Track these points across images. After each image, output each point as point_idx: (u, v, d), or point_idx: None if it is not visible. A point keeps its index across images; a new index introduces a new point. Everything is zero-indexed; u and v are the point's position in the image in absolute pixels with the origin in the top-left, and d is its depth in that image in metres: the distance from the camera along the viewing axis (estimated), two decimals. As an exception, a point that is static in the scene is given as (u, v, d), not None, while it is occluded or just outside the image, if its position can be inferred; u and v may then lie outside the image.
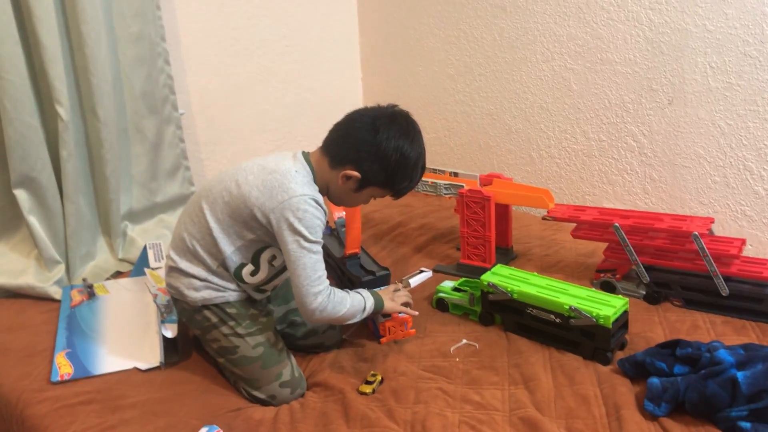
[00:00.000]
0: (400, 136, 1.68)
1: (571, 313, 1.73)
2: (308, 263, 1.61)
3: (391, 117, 1.71)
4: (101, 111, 2.31)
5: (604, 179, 2.59)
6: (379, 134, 1.66)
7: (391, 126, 1.68)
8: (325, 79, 3.25)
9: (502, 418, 1.54)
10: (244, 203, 1.64)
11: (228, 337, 1.71)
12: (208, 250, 1.69)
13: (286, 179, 1.63)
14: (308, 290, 1.61)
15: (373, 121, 1.69)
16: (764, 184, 2.17)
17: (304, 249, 1.60)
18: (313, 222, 1.61)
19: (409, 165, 1.71)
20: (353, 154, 1.68)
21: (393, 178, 1.72)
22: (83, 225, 2.40)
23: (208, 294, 1.71)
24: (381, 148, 1.66)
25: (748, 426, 1.41)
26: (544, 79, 2.66)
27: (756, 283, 1.87)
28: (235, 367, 1.71)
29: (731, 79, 2.16)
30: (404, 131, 1.70)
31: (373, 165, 1.68)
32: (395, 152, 1.67)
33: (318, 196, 1.66)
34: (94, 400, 1.69)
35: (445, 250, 2.47)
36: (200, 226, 1.70)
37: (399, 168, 1.70)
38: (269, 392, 1.68)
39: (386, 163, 1.68)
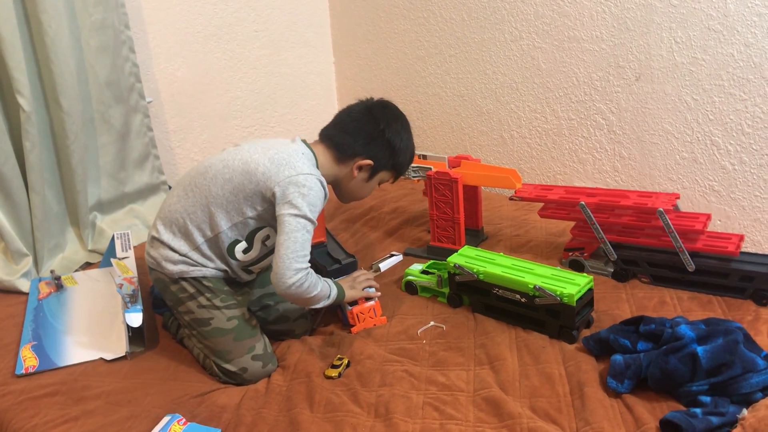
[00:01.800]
0: (396, 120, 1.87)
1: (536, 293, 1.73)
2: (299, 238, 1.63)
3: (383, 105, 1.89)
4: (65, 101, 2.28)
5: (575, 158, 2.59)
6: (381, 122, 1.82)
7: (386, 112, 1.86)
8: (297, 63, 3.22)
9: (466, 398, 1.54)
10: (249, 179, 1.68)
11: (204, 308, 1.72)
12: (198, 225, 1.72)
13: (293, 158, 1.70)
14: (291, 264, 1.62)
15: (369, 110, 1.85)
16: (731, 159, 2.17)
17: (299, 224, 1.63)
18: (315, 201, 1.67)
19: (409, 146, 1.92)
20: (361, 144, 1.82)
21: (398, 160, 1.89)
22: (50, 217, 2.37)
23: (184, 267, 1.74)
24: (386, 135, 1.82)
25: (708, 400, 1.42)
26: (513, 58, 2.64)
27: (721, 258, 1.88)
28: (207, 340, 1.72)
29: (696, 54, 2.15)
30: (398, 115, 1.90)
31: (380, 150, 1.83)
32: (396, 135, 1.85)
33: (322, 178, 1.73)
34: (59, 392, 1.68)
35: (417, 234, 2.46)
36: (194, 201, 1.73)
37: (402, 149, 1.88)
38: (240, 364, 1.69)
39: (391, 146, 1.84)
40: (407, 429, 1.45)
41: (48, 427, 1.54)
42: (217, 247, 1.74)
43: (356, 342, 1.79)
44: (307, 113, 3.30)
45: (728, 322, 1.57)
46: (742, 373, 1.43)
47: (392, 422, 1.46)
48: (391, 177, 1.95)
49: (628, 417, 1.44)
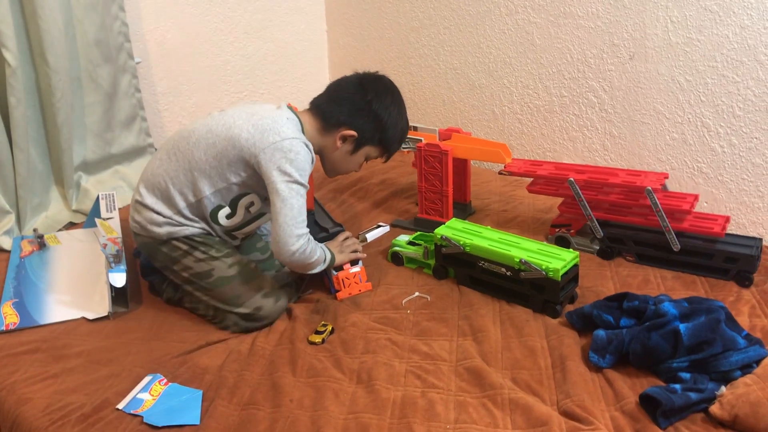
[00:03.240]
0: (387, 93, 1.83)
1: (522, 266, 1.74)
2: (296, 204, 1.63)
3: (376, 77, 1.86)
4: (51, 58, 2.24)
5: (565, 135, 2.58)
6: (369, 93, 1.79)
7: (377, 85, 1.82)
8: (289, 30, 3.18)
9: (448, 368, 1.55)
10: (232, 145, 1.66)
11: (202, 261, 1.73)
12: (181, 189, 1.71)
13: (277, 124, 1.67)
14: (293, 231, 1.63)
15: (360, 81, 1.82)
16: (720, 141, 2.17)
17: (292, 190, 1.63)
18: (304, 164, 1.66)
19: (399, 123, 1.86)
20: (346, 114, 1.78)
21: (385, 134, 1.84)
22: (35, 175, 2.34)
23: (170, 228, 1.73)
24: (372, 105, 1.79)
25: (688, 376, 1.43)
26: (508, 33, 2.62)
27: (707, 239, 1.88)
28: (213, 291, 1.73)
29: (691, 34, 2.14)
30: (390, 89, 1.86)
31: (366, 122, 1.80)
32: (385, 109, 1.80)
33: (308, 142, 1.71)
34: (39, 349, 1.67)
35: (404, 206, 2.46)
36: (177, 165, 1.71)
37: (390, 123, 1.83)
38: (254, 305, 1.72)
39: (378, 120, 1.80)
40: (389, 396, 1.45)
41: (27, 384, 1.53)
42: (200, 211, 1.73)
43: (341, 309, 1.79)
44: (298, 81, 3.26)
45: (711, 301, 1.58)
46: (723, 351, 1.44)
47: (374, 389, 1.47)
48: (379, 153, 1.91)
49: (608, 391, 1.45)
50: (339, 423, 1.38)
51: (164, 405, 1.45)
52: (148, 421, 1.40)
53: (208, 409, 1.43)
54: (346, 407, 1.43)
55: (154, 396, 1.48)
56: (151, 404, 1.45)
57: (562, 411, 1.40)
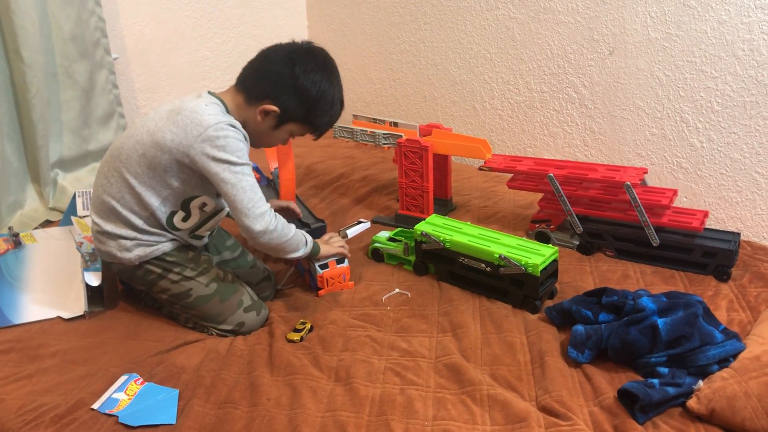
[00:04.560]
0: (318, 70, 1.66)
1: (501, 262, 1.73)
2: (246, 186, 1.58)
3: (308, 51, 1.68)
4: (26, 53, 2.21)
5: (546, 131, 2.58)
6: (297, 67, 1.63)
7: (308, 59, 1.65)
8: (269, 25, 3.16)
9: (427, 364, 1.54)
10: (161, 150, 1.59)
11: (178, 282, 1.69)
12: (131, 209, 1.65)
13: (196, 114, 1.58)
14: (253, 212, 1.59)
15: (290, 54, 1.65)
16: (699, 136, 2.18)
17: (237, 174, 1.57)
18: (236, 145, 1.58)
19: (327, 99, 1.70)
20: (271, 88, 1.64)
21: (312, 113, 1.69)
22: (9, 172, 2.31)
23: (141, 251, 1.67)
24: (299, 81, 1.63)
25: (666, 371, 1.44)
26: (488, 28, 2.62)
27: (686, 234, 1.89)
28: (193, 309, 1.69)
29: (670, 30, 2.15)
30: (322, 65, 1.68)
31: (291, 99, 1.65)
32: (314, 86, 1.65)
33: (234, 121, 1.61)
34: (13, 349, 1.65)
35: (386, 202, 2.45)
36: (119, 186, 1.64)
37: (318, 102, 1.68)
38: (235, 321, 1.69)
39: (305, 97, 1.65)
40: (367, 393, 1.44)
41: (1, 385, 1.50)
42: (158, 223, 1.67)
43: (320, 307, 1.78)
44: (279, 77, 3.24)
45: (689, 295, 1.59)
46: (700, 345, 1.45)
47: (352, 386, 1.46)
48: (306, 131, 1.77)
49: (587, 386, 1.45)
50: (316, 421, 1.37)
51: (140, 405, 1.43)
52: (123, 421, 1.38)
53: (185, 409, 1.41)
54: (324, 405, 1.41)
55: (130, 396, 1.46)
56: (126, 404, 1.43)
57: (540, 407, 1.39)
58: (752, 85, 2.03)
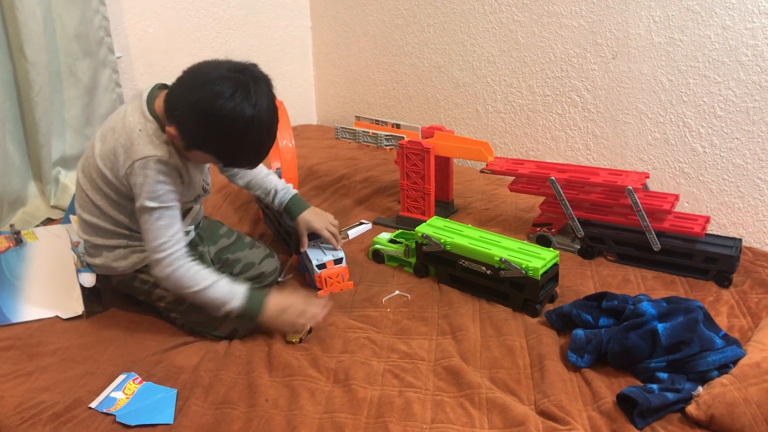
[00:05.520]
0: (232, 95, 1.42)
1: (502, 265, 1.73)
2: (149, 229, 1.54)
3: (231, 71, 1.45)
4: (30, 51, 2.21)
5: (548, 135, 2.58)
6: (204, 90, 1.42)
7: (223, 82, 1.42)
8: (272, 26, 3.16)
9: (426, 367, 1.54)
10: (103, 174, 1.58)
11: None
12: (112, 222, 1.64)
13: (129, 141, 1.51)
14: (150, 256, 1.56)
15: (205, 74, 1.44)
16: (702, 141, 2.18)
17: (144, 213, 1.54)
18: (154, 187, 1.51)
19: (235, 130, 1.44)
20: (174, 110, 1.47)
21: (217, 143, 1.49)
22: (12, 170, 2.31)
23: (135, 258, 1.68)
24: (202, 106, 1.42)
25: (665, 376, 1.43)
26: (492, 31, 2.62)
27: (687, 239, 1.89)
28: (189, 316, 1.68)
29: (674, 34, 2.14)
30: (238, 89, 1.42)
31: (192, 125, 1.46)
32: (218, 112, 1.41)
33: (163, 153, 1.51)
34: (13, 346, 1.64)
35: (387, 203, 2.45)
36: (91, 206, 1.64)
37: (224, 132, 1.45)
38: (229, 328, 1.66)
39: (206, 125, 1.44)
40: (365, 395, 1.44)
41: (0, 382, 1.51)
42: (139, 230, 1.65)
43: (319, 308, 1.78)
44: (282, 78, 3.25)
45: (689, 301, 1.58)
46: (700, 351, 1.44)
47: (351, 388, 1.45)
48: (219, 163, 1.61)
49: (586, 391, 1.45)
50: (314, 422, 1.36)
51: (138, 404, 1.42)
52: (120, 420, 1.38)
53: (182, 408, 1.41)
54: (322, 407, 1.41)
55: (128, 395, 1.45)
56: (124, 403, 1.43)
57: (539, 411, 1.39)
58: (755, 91, 2.02)
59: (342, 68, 3.29)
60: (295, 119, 3.27)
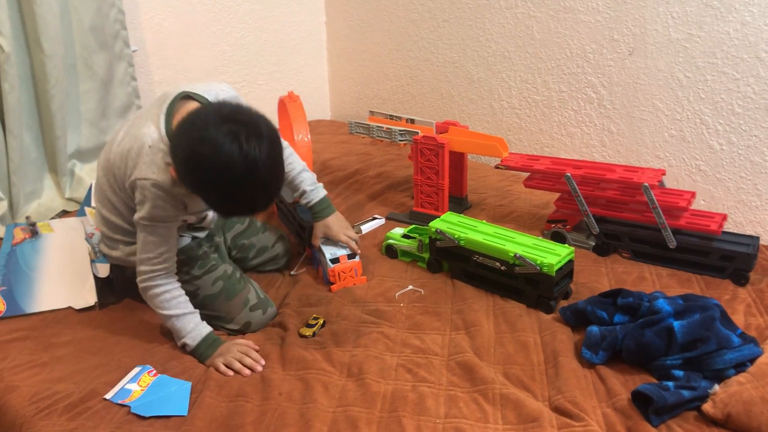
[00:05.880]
0: (221, 149, 1.31)
1: (516, 261, 1.72)
2: (140, 241, 1.55)
3: (229, 121, 1.33)
4: (46, 43, 2.22)
5: (563, 131, 2.57)
6: (197, 132, 1.33)
7: (219, 125, 1.32)
8: (287, 21, 3.16)
9: (440, 362, 1.53)
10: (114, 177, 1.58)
11: (187, 282, 1.68)
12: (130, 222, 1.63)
13: (137, 154, 1.49)
14: (137, 266, 1.57)
15: (198, 124, 1.35)
16: (719, 139, 2.16)
17: (139, 225, 1.54)
18: (151, 206, 1.49)
19: (223, 183, 1.34)
20: (173, 153, 1.41)
21: (205, 194, 1.40)
22: (28, 162, 2.33)
23: None
24: (191, 156, 1.34)
25: (681, 374, 1.42)
26: (507, 26, 2.60)
27: (703, 236, 1.87)
28: (204, 310, 1.67)
29: (692, 30, 2.12)
30: (229, 141, 1.31)
31: (183, 173, 1.38)
32: (206, 166, 1.33)
33: (165, 178, 1.46)
34: (29, 337, 1.66)
35: (400, 199, 2.44)
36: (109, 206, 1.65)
37: (212, 186, 1.37)
38: (242, 321, 1.68)
39: (196, 177, 1.37)
40: (379, 389, 1.44)
41: (15, 372, 1.52)
42: None
43: (333, 302, 1.78)
44: (296, 72, 3.24)
45: (706, 298, 1.57)
46: (717, 349, 1.43)
47: (364, 382, 1.45)
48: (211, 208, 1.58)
49: (600, 387, 1.44)
50: (328, 416, 1.36)
51: (152, 396, 1.43)
52: (135, 411, 1.38)
53: (196, 401, 1.41)
54: (336, 400, 1.41)
55: (143, 387, 1.46)
56: (139, 395, 1.44)
57: (553, 407, 1.38)
58: (774, 88, 2.00)
59: (356, 63, 3.28)
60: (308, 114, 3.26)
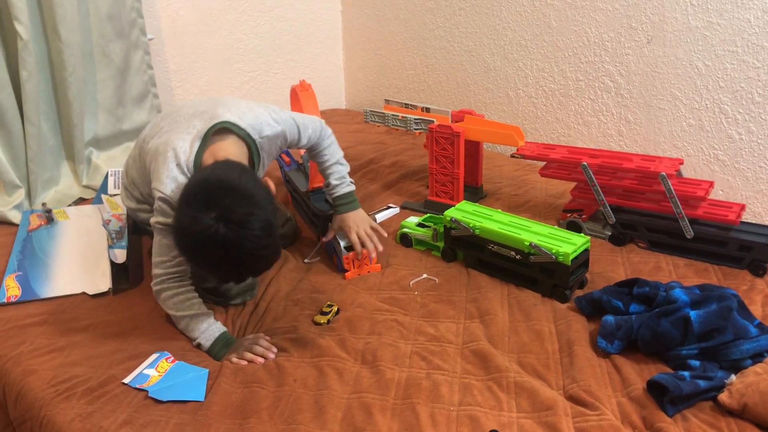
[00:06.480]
0: (200, 207, 1.35)
1: (531, 250, 1.71)
2: (155, 243, 1.59)
3: (227, 193, 1.37)
4: (64, 31, 2.23)
5: (580, 120, 2.55)
6: (191, 206, 1.37)
7: (210, 208, 1.35)
8: (303, 9, 3.15)
9: (454, 350, 1.53)
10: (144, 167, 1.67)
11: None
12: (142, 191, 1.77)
13: (161, 169, 1.55)
14: (153, 270, 1.60)
15: (210, 187, 1.39)
16: (738, 128, 2.13)
17: (155, 228, 1.57)
18: (165, 213, 1.54)
19: (205, 259, 1.40)
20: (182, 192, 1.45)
21: (193, 259, 1.45)
22: (45, 149, 2.34)
23: None
24: (180, 220, 1.39)
25: (697, 364, 1.41)
26: (524, 15, 2.59)
27: (721, 227, 1.85)
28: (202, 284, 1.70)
29: (712, 18, 2.10)
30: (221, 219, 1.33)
31: (175, 228, 1.42)
32: (188, 236, 1.37)
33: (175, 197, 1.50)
34: (46, 321, 1.67)
35: (415, 188, 2.44)
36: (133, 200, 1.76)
37: (192, 255, 1.42)
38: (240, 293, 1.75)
39: (181, 237, 1.40)
40: (393, 377, 1.44)
41: (33, 356, 1.53)
42: None
43: (347, 290, 1.78)
44: (311, 61, 3.24)
45: (723, 288, 1.55)
46: (734, 339, 1.42)
47: (378, 369, 1.46)
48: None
49: (615, 377, 1.44)
50: (342, 402, 1.37)
51: (170, 381, 1.44)
52: (152, 395, 1.39)
53: (212, 387, 1.42)
54: (350, 387, 1.42)
55: (161, 372, 1.47)
56: (156, 380, 1.45)
57: (568, 396, 1.38)
58: (795, 77, 1.98)
59: (371, 52, 3.27)
60: (323, 103, 3.26)
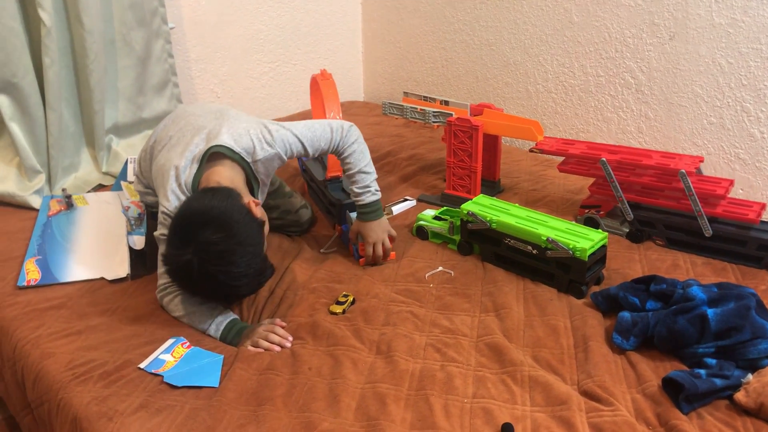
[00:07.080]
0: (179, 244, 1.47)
1: (548, 245, 1.71)
2: (159, 254, 1.64)
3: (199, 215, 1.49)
4: (86, 19, 2.25)
5: (599, 116, 2.53)
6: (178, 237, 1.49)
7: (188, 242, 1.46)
8: (323, 1, 3.15)
9: (468, 343, 1.53)
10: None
11: None
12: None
13: (165, 185, 1.64)
14: (158, 281, 1.66)
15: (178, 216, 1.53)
16: (760, 127, 2.11)
17: (159, 240, 1.63)
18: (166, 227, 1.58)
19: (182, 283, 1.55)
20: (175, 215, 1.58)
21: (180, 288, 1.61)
22: (66, 135, 2.36)
23: None
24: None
25: (714, 362, 1.41)
26: (546, 9, 2.57)
27: (740, 225, 1.84)
28: None
29: (736, 15, 2.07)
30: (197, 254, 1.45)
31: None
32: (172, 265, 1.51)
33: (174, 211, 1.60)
34: (65, 305, 1.69)
35: (432, 181, 2.43)
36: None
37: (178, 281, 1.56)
38: None
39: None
40: (407, 367, 1.44)
41: (51, 339, 1.55)
42: None
43: (363, 281, 1.78)
44: (331, 53, 3.24)
45: (741, 287, 1.54)
46: (751, 338, 1.41)
47: (393, 360, 1.46)
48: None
49: (630, 373, 1.43)
50: (356, 391, 1.38)
51: (185, 367, 1.45)
52: (168, 380, 1.40)
53: (227, 373, 1.43)
54: (364, 377, 1.42)
55: (176, 358, 1.48)
56: (172, 365, 1.46)
57: (582, 391, 1.38)
58: (820, 76, 1.96)
59: (391, 44, 3.27)
60: (342, 95, 3.26)
